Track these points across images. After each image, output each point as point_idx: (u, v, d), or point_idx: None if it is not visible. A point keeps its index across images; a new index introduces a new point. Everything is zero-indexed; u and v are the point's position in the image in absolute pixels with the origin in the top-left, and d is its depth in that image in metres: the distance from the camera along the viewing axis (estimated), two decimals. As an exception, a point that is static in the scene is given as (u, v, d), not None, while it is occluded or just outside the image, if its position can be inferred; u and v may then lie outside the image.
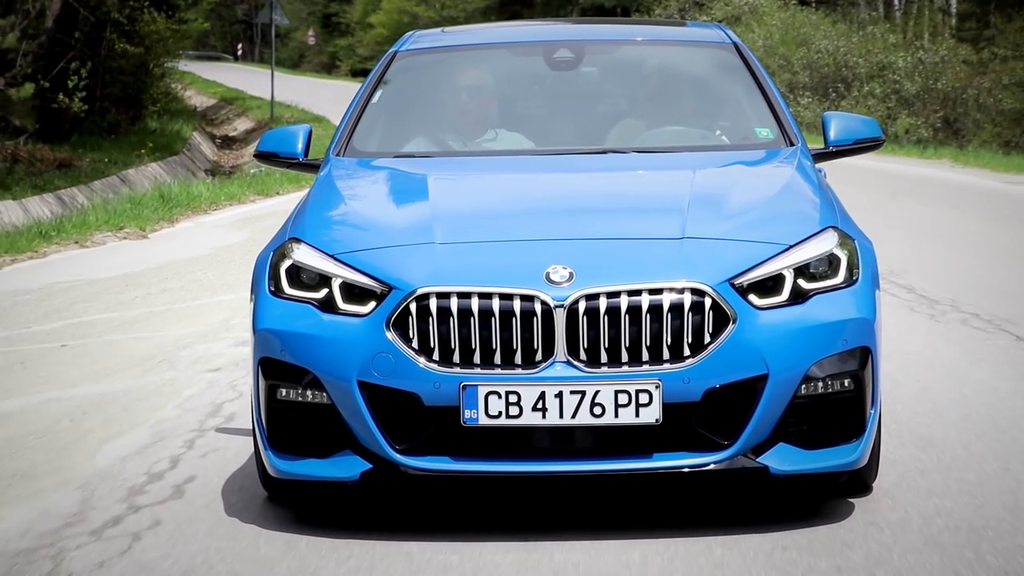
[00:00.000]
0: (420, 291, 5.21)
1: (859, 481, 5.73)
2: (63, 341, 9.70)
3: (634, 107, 7.07)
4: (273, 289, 5.53)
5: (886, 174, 24.19)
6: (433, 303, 5.19)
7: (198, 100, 48.56)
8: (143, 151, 27.76)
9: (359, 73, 66.20)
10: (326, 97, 46.60)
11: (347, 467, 5.32)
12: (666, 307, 5.16)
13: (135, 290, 11.99)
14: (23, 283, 12.71)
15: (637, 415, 5.14)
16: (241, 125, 43.57)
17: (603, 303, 5.15)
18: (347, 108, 6.89)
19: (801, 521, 5.45)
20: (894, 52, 38.41)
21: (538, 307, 5.15)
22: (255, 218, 18.05)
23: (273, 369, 5.44)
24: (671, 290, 5.18)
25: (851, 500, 5.69)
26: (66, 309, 11.04)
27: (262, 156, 6.88)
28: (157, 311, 10.94)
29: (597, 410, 5.13)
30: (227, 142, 39.40)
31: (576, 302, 5.15)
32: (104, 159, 26.32)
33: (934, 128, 35.04)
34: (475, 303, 5.17)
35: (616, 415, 5.13)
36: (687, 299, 5.17)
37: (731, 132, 6.86)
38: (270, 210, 18.80)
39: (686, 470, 5.20)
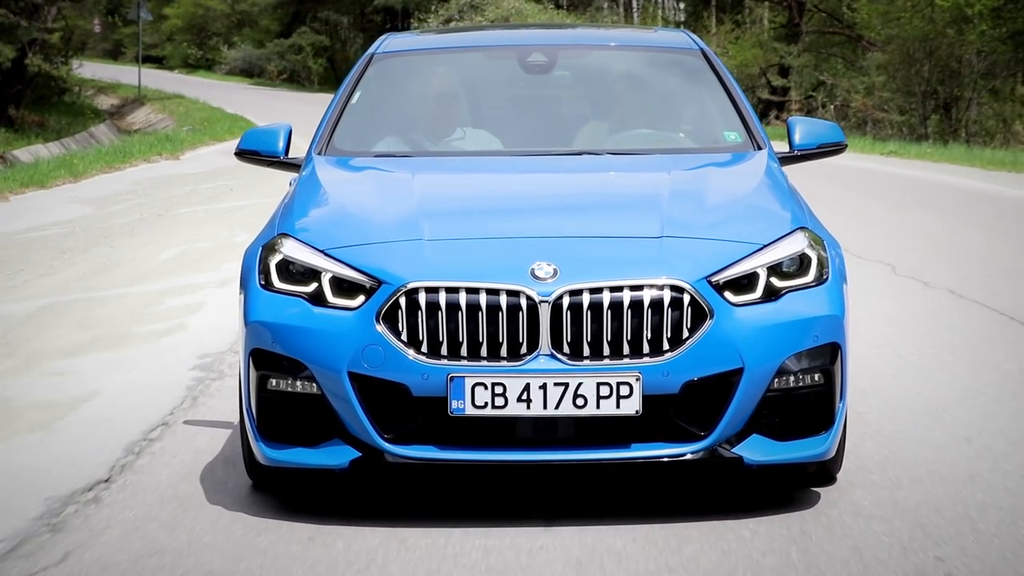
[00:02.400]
0: (410, 286, 5.38)
1: (826, 472, 5.94)
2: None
3: (604, 110, 7.25)
4: (263, 283, 5.69)
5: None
6: (422, 297, 5.37)
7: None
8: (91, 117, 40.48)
9: (146, 60, 69.43)
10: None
11: (336, 455, 5.48)
12: (646, 303, 5.35)
13: (210, 180, 22.75)
14: (148, 174, 24.19)
15: (618, 406, 5.32)
16: (109, 101, 55.45)
17: (586, 299, 5.34)
18: (327, 108, 7.05)
19: (772, 508, 5.66)
20: None
21: (523, 302, 5.33)
22: (226, 153, 25.16)
23: (264, 360, 5.59)
24: (651, 287, 5.37)
25: (816, 489, 5.91)
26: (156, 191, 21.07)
27: (243, 154, 7.04)
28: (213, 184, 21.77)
29: (580, 401, 5.32)
30: (113, 112, 51.42)
31: (560, 297, 5.34)
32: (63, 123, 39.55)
33: None
34: (463, 298, 5.35)
35: (598, 406, 5.32)
36: (667, 295, 5.37)
37: (700, 135, 7.06)
38: (232, 148, 22.59)
39: (664, 460, 5.39)
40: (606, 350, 5.34)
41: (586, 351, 5.34)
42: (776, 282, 5.54)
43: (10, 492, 6.12)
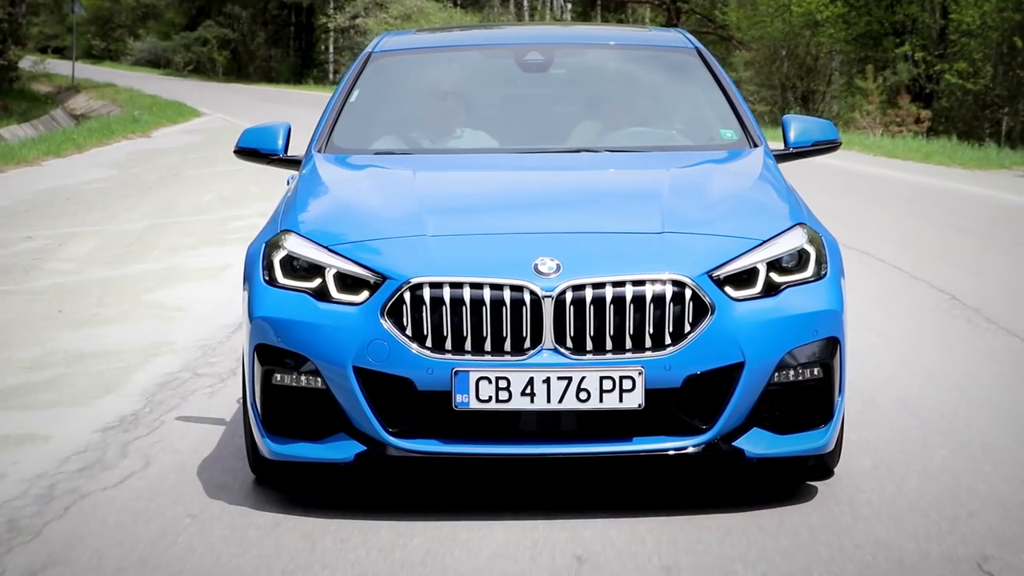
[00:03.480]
0: (414, 281, 5.43)
1: (823, 465, 6.00)
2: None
3: (601, 109, 7.30)
4: (267, 278, 5.73)
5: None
6: (427, 293, 5.41)
7: None
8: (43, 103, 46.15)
9: (48, 51, 73.62)
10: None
11: (341, 449, 5.52)
12: (649, 298, 5.40)
13: (191, 152, 26.96)
14: (135, 148, 28.18)
15: (621, 400, 5.37)
16: (43, 89, 58.38)
17: (589, 294, 5.39)
18: (325, 107, 7.11)
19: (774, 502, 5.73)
20: None
21: (527, 297, 5.38)
22: (189, 132, 32.39)
23: (269, 355, 5.63)
24: (653, 282, 5.42)
25: (814, 483, 5.97)
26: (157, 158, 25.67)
27: (242, 152, 7.09)
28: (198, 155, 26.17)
29: (583, 395, 5.36)
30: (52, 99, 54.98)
31: (563, 292, 5.38)
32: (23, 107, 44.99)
33: None
34: (467, 293, 5.39)
35: (601, 400, 5.36)
36: (668, 290, 5.41)
37: (696, 133, 7.11)
38: (192, 128, 34.05)
39: (666, 453, 5.44)
40: (609, 344, 5.39)
41: (589, 345, 5.38)
42: (776, 277, 5.60)
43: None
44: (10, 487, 6.06)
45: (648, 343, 5.39)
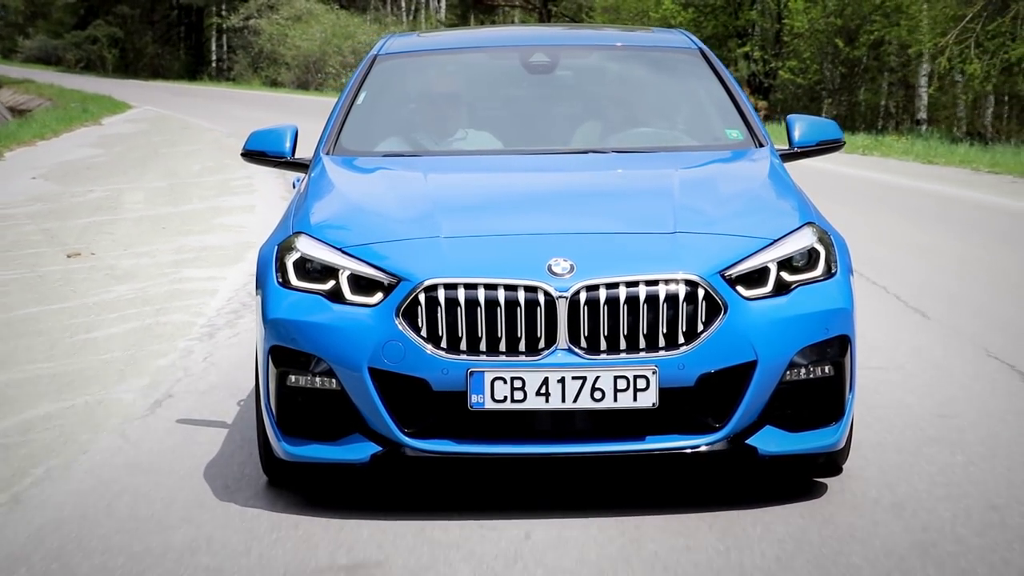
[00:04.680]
0: (429, 282, 5.42)
1: (833, 463, 6.02)
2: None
3: (607, 110, 7.30)
4: (281, 281, 5.71)
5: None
6: (441, 294, 5.40)
7: None
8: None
9: None
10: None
11: (357, 450, 5.52)
12: (662, 297, 5.41)
13: (152, 135, 30.32)
14: (98, 133, 31.55)
15: (635, 399, 5.38)
16: None
17: (603, 294, 5.39)
18: (332, 109, 7.10)
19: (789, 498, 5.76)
20: None
21: (541, 297, 5.38)
22: (133, 121, 35.90)
23: (284, 357, 5.62)
24: (667, 281, 5.42)
25: (823, 480, 5.99)
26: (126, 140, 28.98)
27: (250, 155, 7.06)
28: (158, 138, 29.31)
29: (597, 395, 5.37)
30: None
31: (577, 293, 5.39)
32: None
33: None
34: (481, 294, 5.39)
35: (615, 399, 5.37)
36: (681, 290, 5.42)
37: (702, 133, 7.12)
38: (133, 117, 37.48)
39: (680, 451, 5.45)
40: (623, 344, 5.39)
41: (603, 345, 5.39)
42: (786, 276, 5.61)
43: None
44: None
45: (662, 342, 5.40)
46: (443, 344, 5.39)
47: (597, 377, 5.36)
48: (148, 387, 7.87)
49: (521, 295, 5.38)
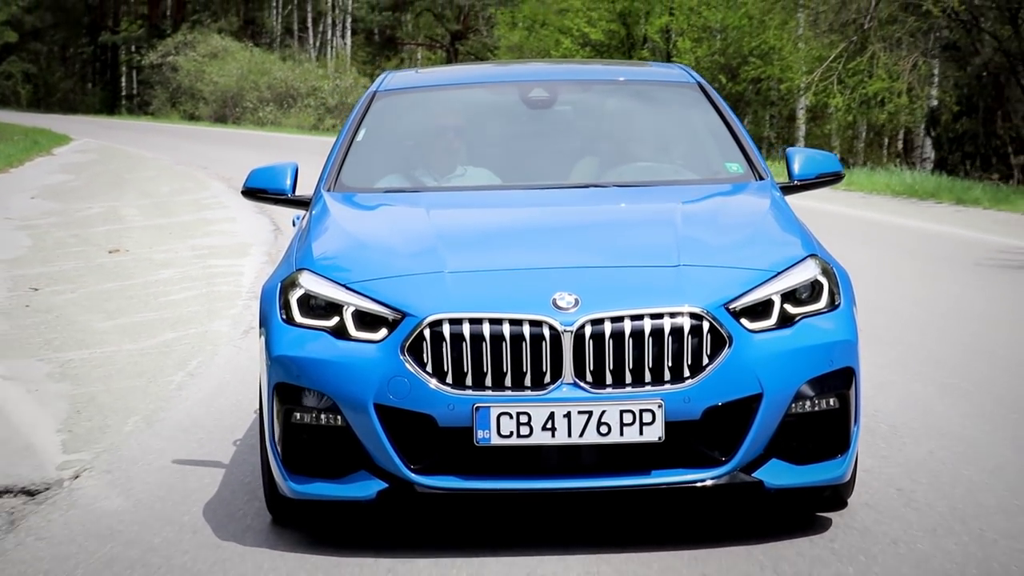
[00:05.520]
0: (434, 318, 5.44)
1: (838, 496, 6.03)
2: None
3: (607, 145, 7.35)
4: (285, 317, 5.73)
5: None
6: (446, 329, 5.42)
7: None
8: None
9: None
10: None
11: (363, 487, 5.51)
12: (667, 330, 5.41)
13: (103, 164, 32.21)
14: (58, 162, 33.97)
15: (641, 433, 5.37)
16: None
17: (608, 327, 5.40)
18: (332, 146, 7.14)
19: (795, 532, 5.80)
20: (321, 79, 60.97)
21: (546, 332, 5.39)
22: (81, 151, 38.29)
23: (289, 394, 5.63)
24: (671, 314, 5.43)
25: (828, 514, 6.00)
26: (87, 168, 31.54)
27: (250, 193, 7.08)
28: (114, 166, 31.61)
29: (603, 429, 5.37)
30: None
31: (582, 327, 5.39)
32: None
33: None
34: (486, 328, 5.40)
35: (621, 433, 5.37)
36: (686, 323, 5.43)
37: (702, 167, 7.14)
38: (79, 148, 39.93)
39: (686, 484, 5.45)
40: (628, 378, 5.39)
41: (608, 379, 5.39)
42: (790, 309, 5.62)
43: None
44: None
45: (667, 376, 5.40)
46: (448, 379, 5.40)
47: (603, 411, 5.35)
48: (233, 324, 11.33)
49: (526, 329, 5.39)
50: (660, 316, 5.43)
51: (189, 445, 7.55)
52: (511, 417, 5.36)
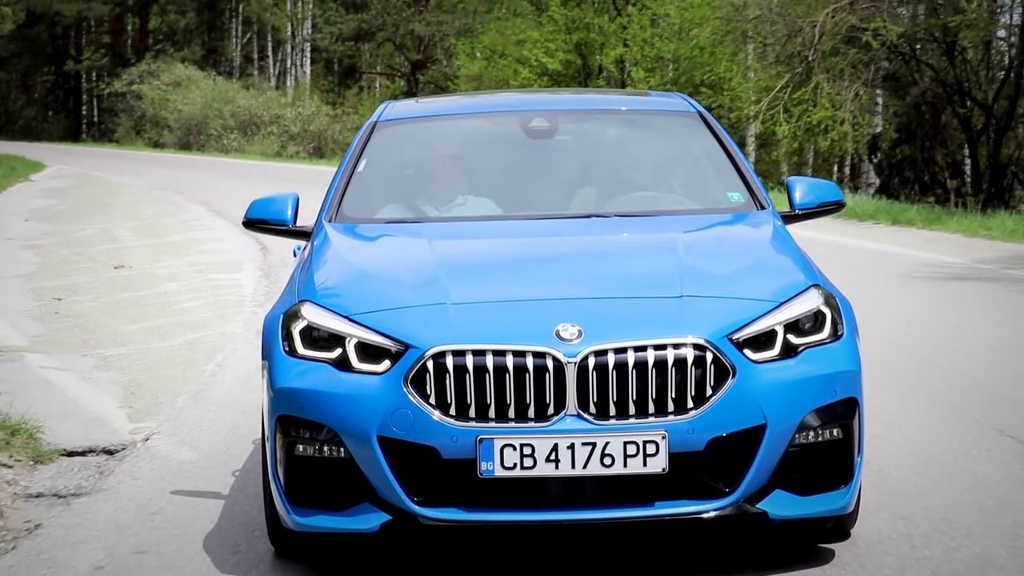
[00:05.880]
0: (437, 350, 5.41)
1: (841, 527, 6.01)
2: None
3: (608, 174, 7.32)
4: (288, 349, 5.71)
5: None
6: (450, 361, 5.40)
7: None
8: None
9: None
10: None
11: (366, 520, 5.49)
12: (670, 362, 5.39)
13: (78, 191, 32.93)
14: (38, 187, 35.27)
15: (645, 465, 5.35)
16: None
17: (611, 359, 5.38)
18: (333, 177, 7.12)
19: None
20: (283, 107, 62.18)
21: (550, 363, 5.37)
22: (57, 177, 39.12)
23: (292, 426, 5.62)
24: (675, 346, 5.41)
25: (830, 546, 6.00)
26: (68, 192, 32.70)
27: (251, 223, 7.06)
28: (92, 191, 32.97)
29: (607, 460, 5.34)
30: None
31: (586, 358, 5.37)
32: None
33: (308, 153, 58.42)
34: (490, 360, 5.38)
35: (625, 465, 5.34)
36: (690, 354, 5.41)
37: (704, 196, 7.11)
38: (55, 175, 40.48)
39: (690, 516, 5.43)
40: (632, 409, 5.38)
41: (612, 410, 5.37)
42: (793, 339, 5.61)
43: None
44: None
45: (671, 407, 5.39)
46: (452, 411, 5.39)
47: (607, 443, 5.34)
48: (245, 327, 12.70)
49: (530, 361, 5.37)
50: (664, 347, 5.42)
51: (235, 416, 8.96)
52: (515, 449, 5.35)
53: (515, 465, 5.35)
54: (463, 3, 51.58)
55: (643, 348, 5.41)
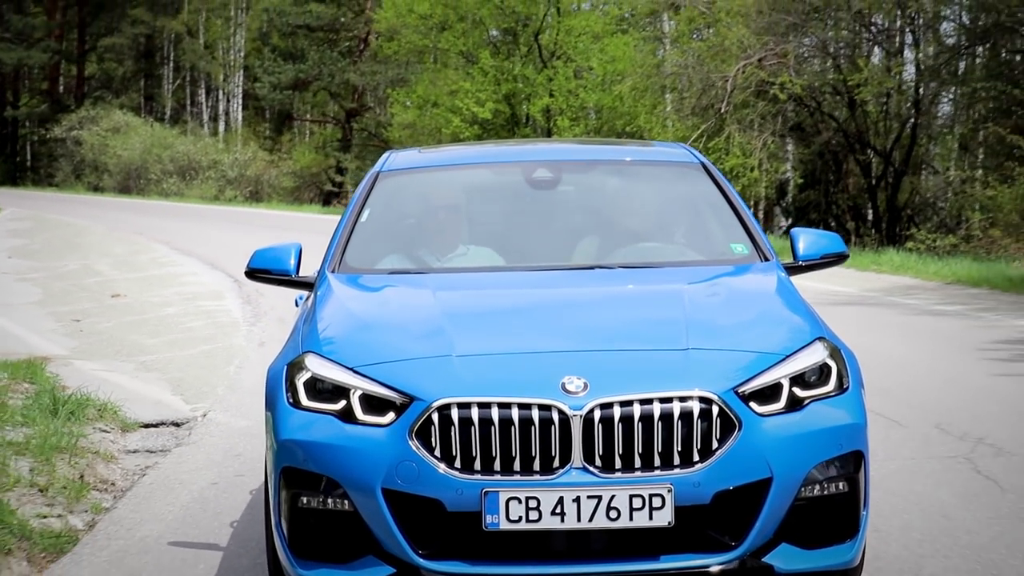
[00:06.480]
0: (442, 402, 5.39)
1: None
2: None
3: (611, 225, 7.29)
4: (292, 401, 5.69)
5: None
6: (455, 413, 5.37)
7: None
8: None
9: None
10: None
11: (370, 572, 5.46)
12: (676, 415, 5.36)
13: (39, 233, 34.48)
14: (5, 228, 36.98)
15: (651, 518, 5.32)
16: None
17: (617, 411, 5.35)
18: (336, 227, 7.10)
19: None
20: (221, 153, 65.04)
21: (555, 416, 5.34)
22: (16, 220, 40.26)
23: (296, 478, 5.59)
24: (681, 398, 5.38)
25: None
26: (34, 233, 34.92)
27: (253, 273, 7.03)
28: (55, 233, 34.79)
29: (613, 514, 5.31)
30: None
31: (592, 411, 5.34)
32: None
33: (245, 197, 61.15)
34: (495, 413, 5.35)
35: (631, 518, 5.31)
36: (696, 407, 5.38)
37: (707, 248, 7.08)
38: (11, 217, 42.40)
39: (706, 570, 5.39)
40: (638, 462, 5.34)
41: (618, 463, 5.34)
42: (799, 392, 5.59)
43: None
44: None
45: (676, 460, 5.36)
46: (457, 464, 5.35)
47: (612, 496, 5.31)
48: (246, 340, 15.08)
49: (535, 414, 5.35)
50: (670, 400, 5.39)
51: (266, 400, 11.45)
52: (520, 502, 5.32)
53: (520, 518, 5.33)
54: (396, 55, 53.81)
55: (649, 401, 5.39)
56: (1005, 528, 7.35)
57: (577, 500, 5.31)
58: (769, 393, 5.54)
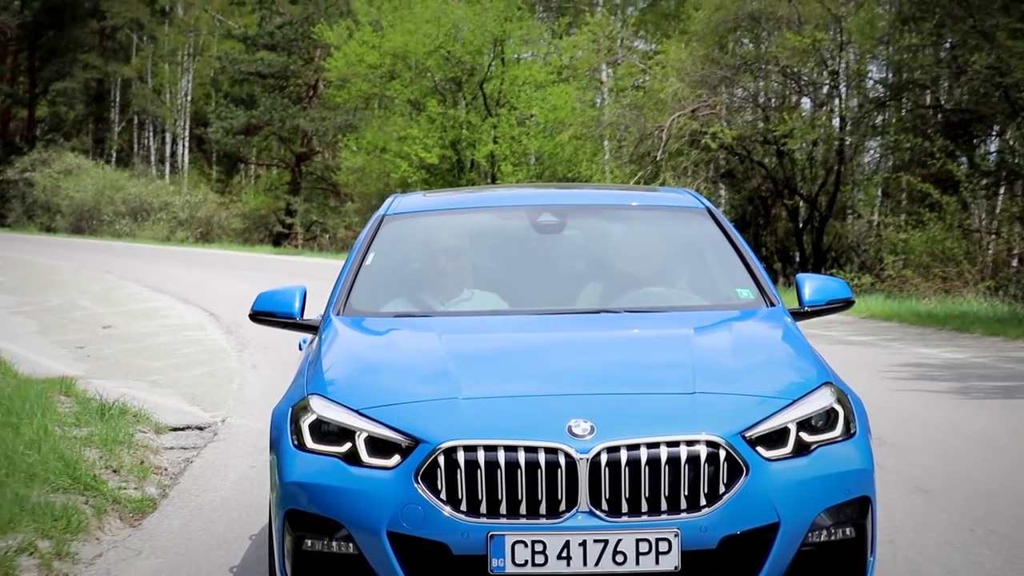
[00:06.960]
0: (448, 445, 5.38)
1: None
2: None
3: (616, 270, 7.29)
4: (296, 443, 5.68)
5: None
6: (461, 456, 5.36)
7: None
8: None
9: None
10: None
11: None
12: (683, 459, 5.35)
13: (12, 271, 35.21)
14: None
15: (657, 563, 5.31)
16: None
17: (623, 455, 5.34)
18: (341, 270, 7.10)
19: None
20: (172, 195, 65.68)
21: (562, 459, 5.33)
22: None
23: (300, 521, 5.58)
24: (688, 443, 5.37)
25: None
26: (6, 271, 35.49)
27: (257, 316, 7.02)
28: (27, 271, 35.45)
29: (619, 558, 5.30)
30: None
31: (598, 454, 5.33)
32: None
33: (196, 238, 62.27)
34: (501, 456, 5.34)
35: (637, 563, 5.30)
36: (703, 451, 5.37)
37: (713, 293, 7.07)
38: None
39: None
40: (644, 506, 5.33)
41: (624, 507, 5.33)
42: (806, 437, 5.58)
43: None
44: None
45: (683, 504, 5.34)
46: (463, 507, 5.34)
47: (619, 540, 5.29)
48: (239, 364, 16.52)
49: (541, 457, 5.33)
50: (676, 444, 5.38)
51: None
52: (526, 545, 5.30)
53: (527, 562, 5.31)
54: (346, 102, 55.73)
55: (656, 445, 5.38)
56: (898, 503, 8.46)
57: (583, 544, 5.32)
58: (776, 438, 5.54)
